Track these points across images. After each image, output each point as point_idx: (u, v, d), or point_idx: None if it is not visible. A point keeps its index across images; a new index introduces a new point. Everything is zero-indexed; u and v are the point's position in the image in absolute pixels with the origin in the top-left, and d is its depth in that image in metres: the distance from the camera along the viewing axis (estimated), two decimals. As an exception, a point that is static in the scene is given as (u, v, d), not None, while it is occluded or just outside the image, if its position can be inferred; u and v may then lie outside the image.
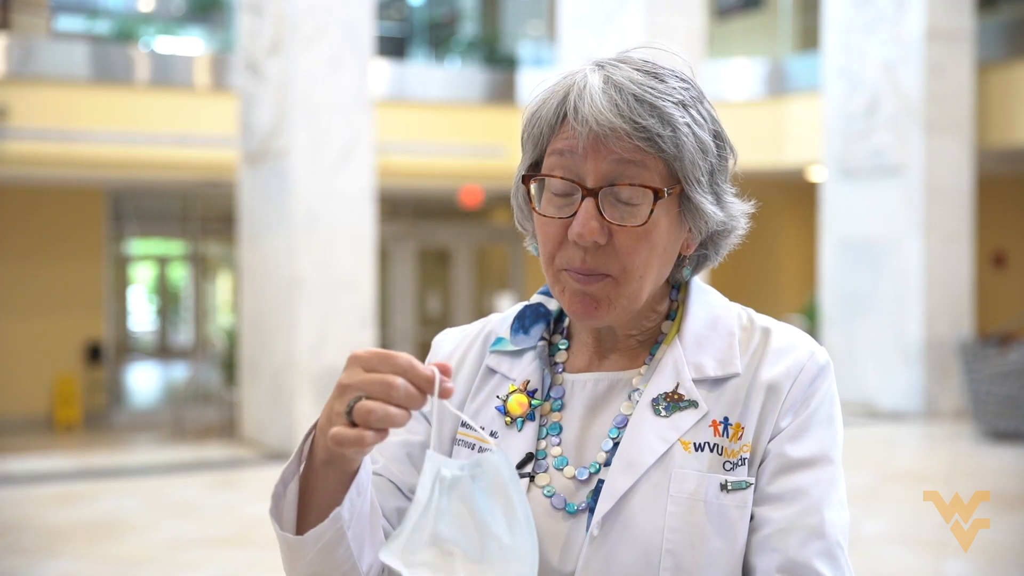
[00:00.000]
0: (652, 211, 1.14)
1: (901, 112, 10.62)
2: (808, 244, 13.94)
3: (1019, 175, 13.55)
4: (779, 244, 15.69)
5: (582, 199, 1.14)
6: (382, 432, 1.01)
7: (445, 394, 1.01)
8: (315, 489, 1.11)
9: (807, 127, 12.17)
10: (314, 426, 1.12)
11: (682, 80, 1.17)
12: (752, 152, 12.55)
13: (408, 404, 1.00)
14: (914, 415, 10.32)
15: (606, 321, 1.19)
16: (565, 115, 1.16)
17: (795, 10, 14.49)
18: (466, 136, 12.10)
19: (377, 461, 1.29)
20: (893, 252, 10.68)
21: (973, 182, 10.72)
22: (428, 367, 1.01)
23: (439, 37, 15.56)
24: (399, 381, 1.00)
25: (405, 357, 1.01)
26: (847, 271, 11.08)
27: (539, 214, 1.18)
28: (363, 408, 0.99)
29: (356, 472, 1.10)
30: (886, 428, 9.74)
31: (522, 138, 1.23)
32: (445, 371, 1.02)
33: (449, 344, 1.34)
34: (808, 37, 13.67)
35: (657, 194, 1.14)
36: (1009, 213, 13.96)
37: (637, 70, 1.16)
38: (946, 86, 10.53)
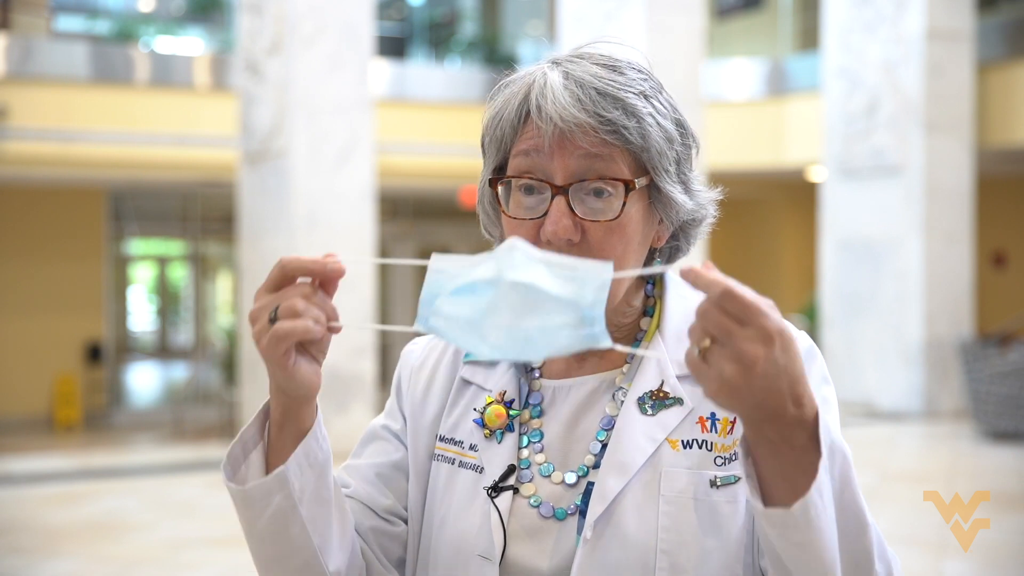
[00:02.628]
0: (624, 203, 1.12)
1: (901, 112, 10.62)
2: (808, 244, 13.94)
3: (1019, 175, 13.55)
4: (779, 244, 15.69)
5: (552, 198, 1.12)
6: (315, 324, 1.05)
7: (335, 274, 1.04)
8: (275, 463, 1.13)
9: (807, 127, 12.17)
10: (267, 404, 1.13)
11: (640, 71, 1.16)
12: (752, 152, 12.55)
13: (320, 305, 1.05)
14: (914, 415, 10.31)
15: None
16: (527, 115, 1.14)
17: (795, 10, 14.49)
18: (466, 136, 12.08)
19: (349, 485, 1.28)
20: (893, 252, 10.68)
21: (973, 182, 10.72)
22: (314, 257, 1.04)
23: (439, 37, 15.56)
24: (299, 281, 1.04)
25: (287, 259, 1.04)
26: (847, 271, 11.08)
27: (509, 217, 1.16)
28: (286, 308, 1.02)
29: (306, 433, 1.11)
30: (886, 428, 9.74)
31: (483, 143, 1.20)
32: (329, 256, 1.04)
33: (418, 353, 1.33)
34: (808, 37, 13.67)
35: (628, 186, 1.12)
36: (1009, 213, 13.96)
37: (595, 64, 1.14)
38: (946, 86, 10.53)
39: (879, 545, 1.07)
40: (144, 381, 17.61)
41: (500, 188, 1.18)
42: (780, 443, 0.95)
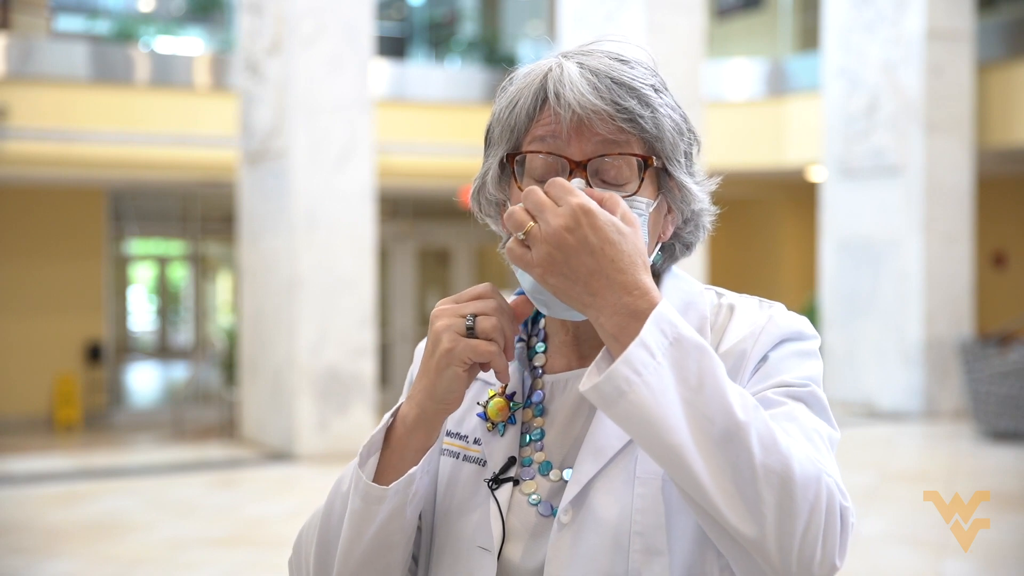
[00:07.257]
0: (642, 179, 1.15)
1: (901, 112, 10.62)
2: (808, 244, 13.94)
3: (1019, 175, 13.54)
4: (779, 244, 15.68)
5: (570, 174, 1.13)
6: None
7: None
8: (396, 464, 1.17)
9: (807, 127, 12.17)
10: (393, 412, 1.18)
11: (647, 68, 1.19)
12: (752, 152, 12.55)
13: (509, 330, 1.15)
14: (914, 415, 10.32)
15: None
16: (544, 102, 1.15)
17: (795, 10, 14.49)
18: (466, 136, 12.08)
19: None
20: (893, 252, 10.68)
21: (973, 182, 10.72)
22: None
23: (439, 37, 15.56)
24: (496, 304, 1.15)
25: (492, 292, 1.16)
26: (847, 271, 11.08)
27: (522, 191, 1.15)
28: (486, 327, 1.12)
29: (432, 442, 1.17)
30: (886, 428, 9.74)
31: (492, 133, 1.21)
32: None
33: None
34: (808, 37, 13.67)
35: (646, 162, 1.15)
36: (1009, 213, 13.95)
37: (607, 57, 1.17)
38: (946, 86, 10.53)
39: (779, 450, 0.99)
40: (144, 381, 17.62)
41: (515, 167, 1.18)
42: (620, 335, 1.01)
